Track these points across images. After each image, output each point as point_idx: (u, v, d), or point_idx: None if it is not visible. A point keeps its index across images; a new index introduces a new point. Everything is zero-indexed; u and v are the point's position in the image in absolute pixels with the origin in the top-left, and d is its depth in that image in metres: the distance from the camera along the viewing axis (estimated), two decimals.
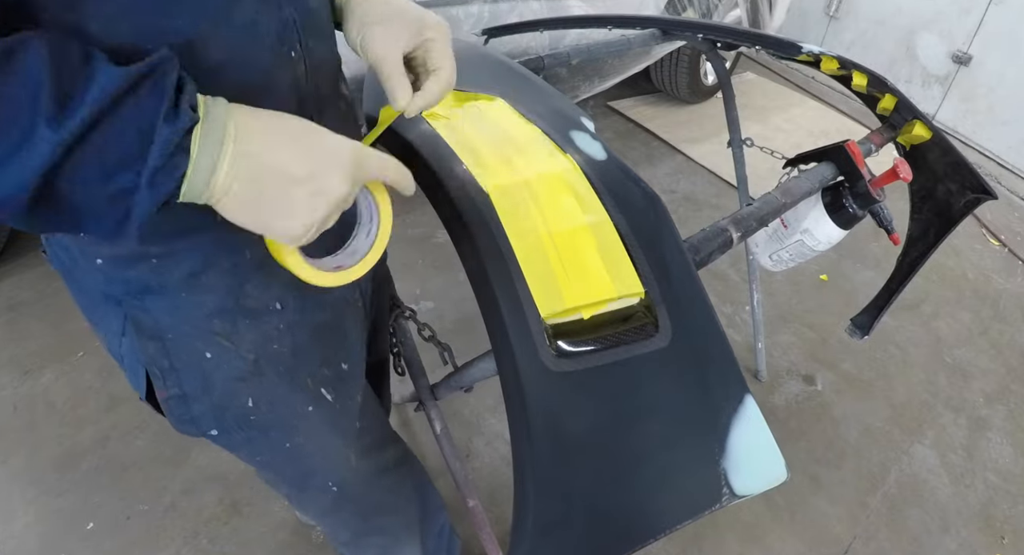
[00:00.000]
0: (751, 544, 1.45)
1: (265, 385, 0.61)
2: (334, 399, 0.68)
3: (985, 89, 3.19)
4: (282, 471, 0.73)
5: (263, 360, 0.60)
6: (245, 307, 0.57)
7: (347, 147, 0.44)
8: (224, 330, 0.57)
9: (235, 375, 0.60)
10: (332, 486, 0.75)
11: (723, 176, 2.76)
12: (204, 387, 0.59)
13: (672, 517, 0.51)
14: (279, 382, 0.62)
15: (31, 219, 0.36)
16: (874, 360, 1.98)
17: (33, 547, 1.30)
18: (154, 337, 0.56)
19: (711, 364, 0.56)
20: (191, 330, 0.56)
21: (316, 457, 0.71)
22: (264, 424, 0.64)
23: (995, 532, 1.55)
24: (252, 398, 0.61)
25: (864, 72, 0.95)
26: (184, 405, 0.59)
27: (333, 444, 0.71)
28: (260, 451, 0.68)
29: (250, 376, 0.60)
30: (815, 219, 0.95)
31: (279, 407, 0.64)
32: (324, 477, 0.74)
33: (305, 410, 0.66)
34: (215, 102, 0.40)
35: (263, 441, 0.66)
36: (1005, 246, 2.63)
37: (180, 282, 0.54)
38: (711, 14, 2.64)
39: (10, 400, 1.56)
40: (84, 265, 0.54)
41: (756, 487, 0.54)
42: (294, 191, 0.41)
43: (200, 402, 0.60)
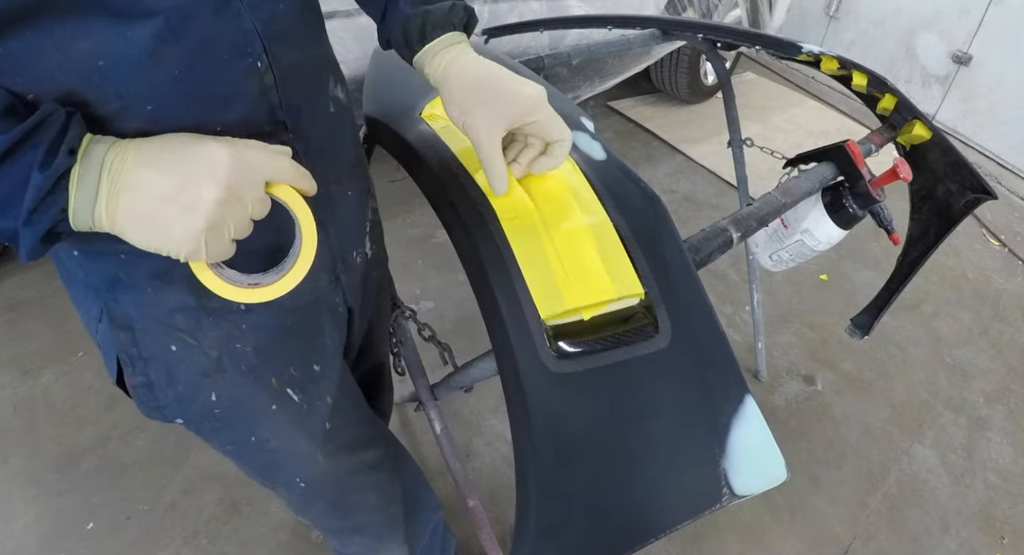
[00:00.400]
0: (751, 544, 1.45)
1: (228, 382, 0.63)
2: (301, 399, 0.69)
3: (985, 89, 3.19)
4: (250, 462, 0.75)
5: (226, 358, 0.62)
6: (208, 307, 0.59)
7: (221, 152, 0.43)
8: (188, 327, 0.59)
9: (198, 370, 0.61)
10: (300, 482, 0.76)
11: (723, 176, 2.76)
12: (169, 378, 0.61)
13: (672, 517, 0.51)
14: (242, 380, 0.64)
15: None
16: (874, 360, 1.98)
17: (33, 547, 1.30)
18: (124, 327, 0.58)
19: (711, 364, 0.56)
20: (156, 324, 0.58)
21: (281, 453, 0.72)
22: (228, 418, 0.65)
23: (995, 532, 1.55)
24: (215, 393, 0.63)
25: (864, 72, 0.95)
26: (151, 393, 0.61)
27: (299, 443, 0.72)
28: (227, 442, 0.70)
29: (213, 372, 0.62)
30: (815, 219, 0.95)
31: (242, 403, 0.65)
32: (291, 473, 0.75)
33: (268, 408, 0.67)
34: (99, 141, 0.42)
35: (228, 433, 0.68)
36: (1005, 246, 2.63)
37: (146, 278, 0.55)
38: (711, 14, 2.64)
39: (10, 400, 1.56)
40: (66, 254, 0.56)
41: (756, 487, 0.54)
42: (165, 208, 0.42)
43: (165, 392, 0.61)
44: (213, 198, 0.42)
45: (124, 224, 0.42)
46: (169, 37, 0.44)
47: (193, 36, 0.45)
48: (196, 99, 0.47)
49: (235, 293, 0.47)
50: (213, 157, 0.43)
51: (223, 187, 0.43)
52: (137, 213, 0.42)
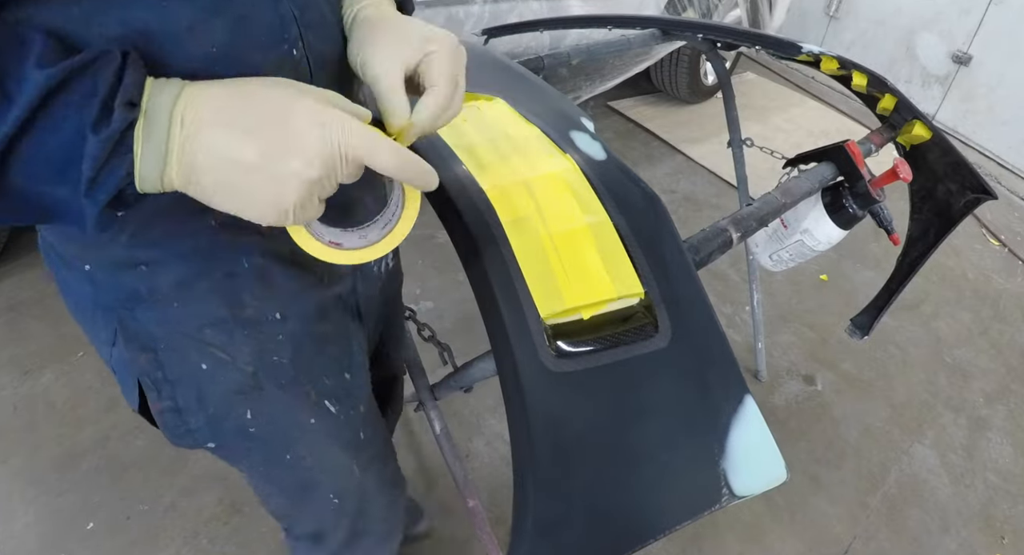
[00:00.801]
0: (751, 544, 1.45)
1: (265, 398, 0.59)
2: (338, 411, 0.66)
3: (985, 89, 3.19)
4: (281, 483, 0.70)
5: (262, 372, 0.58)
6: (242, 317, 0.55)
7: (316, 126, 0.38)
8: (219, 341, 0.55)
9: (233, 388, 0.57)
10: (333, 498, 0.72)
11: (723, 176, 2.76)
12: (199, 400, 0.57)
13: (672, 517, 0.51)
14: (280, 395, 0.60)
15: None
16: (874, 360, 1.98)
17: (33, 547, 1.30)
18: (146, 348, 0.54)
19: (711, 364, 0.56)
20: (184, 341, 0.54)
21: (316, 469, 0.68)
22: (263, 436, 0.62)
23: (995, 532, 1.55)
24: (251, 411, 0.59)
25: (864, 72, 0.95)
26: (179, 418, 0.57)
27: (335, 456, 0.69)
28: (258, 463, 0.66)
29: (249, 389, 0.58)
30: (815, 219, 0.95)
31: (279, 420, 0.62)
32: (325, 489, 0.72)
33: (307, 422, 0.63)
34: (161, 88, 0.37)
35: (261, 452, 0.64)
36: (1005, 246, 2.63)
37: (171, 291, 0.51)
38: (711, 14, 2.64)
39: (10, 400, 1.56)
40: (73, 271, 0.52)
41: (756, 487, 0.54)
42: (251, 177, 0.38)
43: (196, 415, 0.57)
44: (308, 174, 0.38)
45: (205, 187, 0.38)
46: (207, 11, 0.41)
47: (230, 13, 0.42)
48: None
49: (322, 251, 0.44)
50: (304, 130, 0.38)
51: (320, 165, 0.39)
52: (219, 179, 0.38)
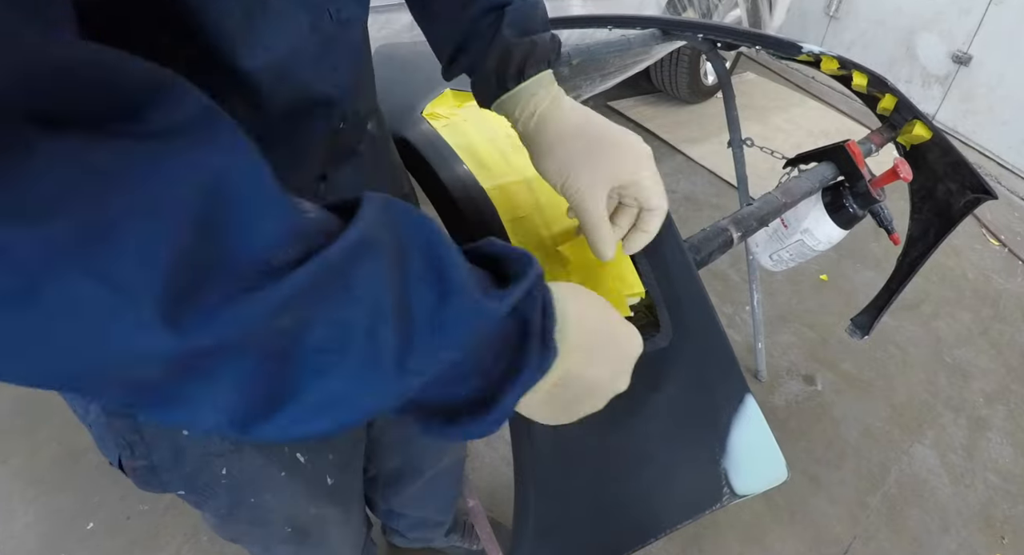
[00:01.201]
0: (751, 544, 1.45)
1: (243, 457, 0.59)
2: (307, 460, 0.66)
3: (985, 89, 3.19)
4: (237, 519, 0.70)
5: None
6: None
7: (637, 344, 0.42)
8: None
9: (212, 451, 0.57)
10: (287, 528, 0.73)
11: (723, 176, 2.76)
12: (175, 460, 0.56)
13: (673, 517, 0.51)
14: (256, 454, 0.60)
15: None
16: (874, 360, 1.98)
17: (33, 547, 1.30)
18: (123, 414, 0.52)
19: (712, 364, 0.56)
20: None
21: (276, 512, 0.69)
22: (234, 486, 0.62)
23: (995, 532, 1.55)
24: (227, 468, 0.59)
25: (864, 72, 0.95)
26: (152, 474, 0.57)
27: (298, 501, 0.70)
28: (221, 505, 0.65)
29: (228, 452, 0.58)
30: (815, 219, 0.95)
31: (253, 474, 0.62)
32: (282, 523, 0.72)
33: (278, 475, 0.64)
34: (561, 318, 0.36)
35: (227, 498, 0.64)
36: (1005, 246, 2.63)
37: None
38: (711, 14, 2.64)
39: (10, 400, 1.56)
40: None
41: (757, 487, 0.54)
42: (593, 398, 0.40)
43: (170, 472, 0.57)
44: (623, 388, 0.41)
45: (543, 406, 0.38)
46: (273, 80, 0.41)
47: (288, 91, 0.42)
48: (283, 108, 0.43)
49: None
50: (633, 350, 0.42)
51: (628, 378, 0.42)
52: (568, 401, 0.39)
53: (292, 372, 0.25)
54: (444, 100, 0.80)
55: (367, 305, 0.26)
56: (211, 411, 0.24)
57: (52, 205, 0.18)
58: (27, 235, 0.18)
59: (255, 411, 0.25)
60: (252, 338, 0.23)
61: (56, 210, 0.18)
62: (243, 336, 0.23)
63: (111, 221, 0.19)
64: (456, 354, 0.30)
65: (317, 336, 0.25)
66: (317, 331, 0.25)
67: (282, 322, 0.24)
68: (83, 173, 0.19)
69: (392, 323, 0.27)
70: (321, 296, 0.24)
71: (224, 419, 0.25)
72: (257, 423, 0.25)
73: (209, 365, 0.23)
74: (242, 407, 0.25)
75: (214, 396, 0.24)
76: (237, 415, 0.25)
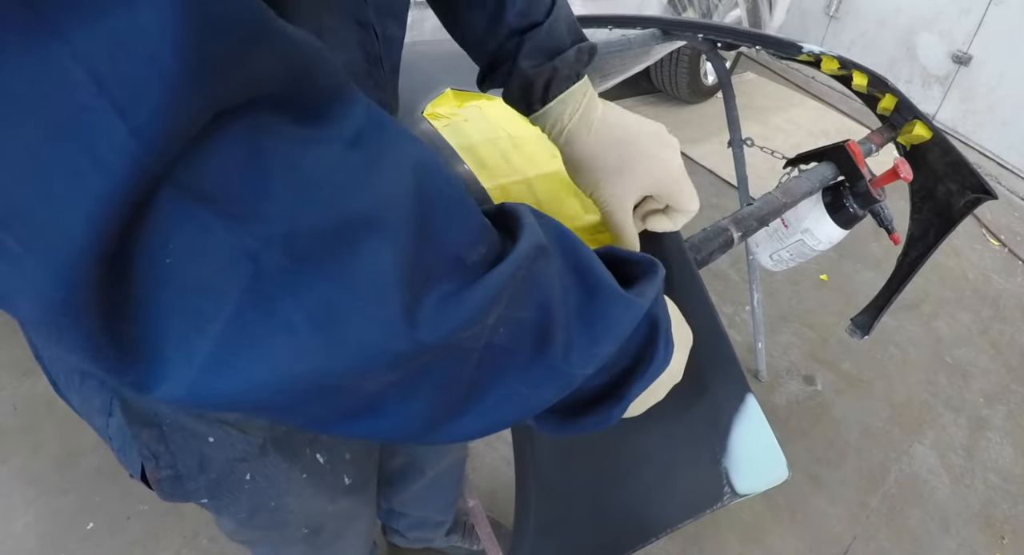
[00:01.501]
0: (751, 544, 1.45)
1: (267, 462, 0.59)
2: (326, 461, 0.66)
3: (985, 89, 3.19)
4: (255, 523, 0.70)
5: (270, 443, 0.57)
6: None
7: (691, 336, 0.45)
8: (234, 419, 0.54)
9: (237, 456, 0.57)
10: (304, 530, 0.73)
11: (723, 176, 2.76)
12: (201, 467, 0.55)
13: (674, 516, 0.51)
14: (281, 459, 0.60)
15: None
16: (874, 360, 1.98)
17: (33, 547, 1.30)
18: (149, 424, 0.52)
19: (713, 363, 0.56)
20: (195, 419, 0.52)
21: (295, 513, 0.69)
22: (256, 490, 0.62)
23: (995, 532, 1.55)
24: (251, 473, 0.59)
25: (864, 72, 0.95)
26: (178, 484, 0.56)
27: (318, 502, 0.70)
28: (242, 510, 0.66)
29: (253, 457, 0.58)
30: (816, 219, 0.95)
31: (276, 478, 0.62)
32: (297, 526, 0.73)
33: (300, 477, 0.64)
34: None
35: (248, 502, 0.64)
36: (1005, 246, 2.63)
37: None
38: (711, 14, 2.64)
39: (10, 400, 1.56)
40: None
41: (758, 486, 0.54)
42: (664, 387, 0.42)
43: (195, 480, 0.57)
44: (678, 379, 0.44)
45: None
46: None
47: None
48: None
49: None
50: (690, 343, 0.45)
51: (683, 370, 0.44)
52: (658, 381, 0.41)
53: (479, 372, 0.26)
54: (444, 100, 0.80)
55: (539, 304, 0.27)
56: (397, 419, 0.25)
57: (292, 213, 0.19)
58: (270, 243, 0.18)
59: (439, 416, 0.26)
60: (467, 338, 0.24)
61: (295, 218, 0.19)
62: (463, 335, 0.24)
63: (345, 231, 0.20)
64: (611, 348, 0.31)
65: (502, 336, 0.26)
66: (502, 330, 0.26)
67: (491, 319, 0.24)
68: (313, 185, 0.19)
69: (559, 320, 0.28)
70: (513, 296, 0.25)
71: (406, 426, 0.25)
72: (436, 428, 0.26)
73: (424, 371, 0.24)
74: (430, 412, 0.25)
75: (409, 405, 0.24)
76: (421, 421, 0.25)
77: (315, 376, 0.21)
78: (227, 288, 0.18)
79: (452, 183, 0.25)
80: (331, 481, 0.70)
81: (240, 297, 0.18)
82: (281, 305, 0.19)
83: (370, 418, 0.24)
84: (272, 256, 0.18)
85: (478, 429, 0.28)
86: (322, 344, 0.20)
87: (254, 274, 0.18)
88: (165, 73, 0.16)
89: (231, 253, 0.18)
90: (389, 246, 0.21)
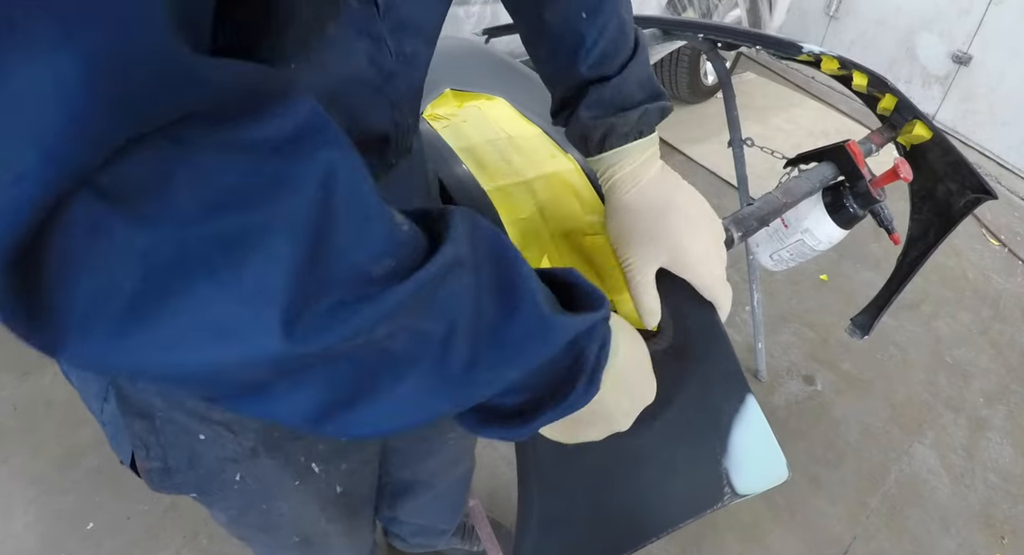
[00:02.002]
0: (751, 544, 1.45)
1: (258, 465, 0.59)
2: (321, 470, 0.66)
3: (985, 89, 3.19)
4: (246, 524, 0.71)
5: (261, 446, 0.58)
6: None
7: (653, 392, 0.45)
8: (226, 419, 0.54)
9: (227, 456, 0.57)
10: (295, 538, 0.74)
11: (723, 176, 2.76)
12: (191, 463, 0.56)
13: (674, 516, 0.51)
14: (273, 463, 0.60)
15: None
16: (874, 360, 1.98)
17: (33, 547, 1.30)
18: (143, 415, 0.52)
19: (713, 363, 0.56)
20: (186, 415, 0.53)
21: (286, 517, 0.69)
22: (247, 492, 0.62)
23: (995, 532, 1.55)
24: (241, 473, 0.59)
25: (864, 72, 0.95)
26: (166, 476, 0.56)
27: (309, 509, 0.70)
28: (232, 508, 0.66)
29: (244, 458, 0.58)
30: (816, 219, 0.95)
31: (267, 481, 0.62)
32: (288, 531, 0.73)
33: (292, 484, 0.64)
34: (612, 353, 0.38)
35: (238, 501, 0.64)
36: (1005, 246, 2.63)
37: None
38: (711, 14, 2.64)
39: (10, 400, 1.56)
40: None
41: (758, 486, 0.54)
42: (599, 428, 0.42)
43: (184, 474, 0.57)
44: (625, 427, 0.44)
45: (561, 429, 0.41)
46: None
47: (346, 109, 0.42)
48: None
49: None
50: (647, 399, 0.45)
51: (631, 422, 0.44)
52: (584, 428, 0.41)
53: (373, 376, 0.26)
54: (445, 101, 0.80)
55: (447, 318, 0.27)
56: (289, 406, 0.26)
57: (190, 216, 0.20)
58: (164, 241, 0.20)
59: (331, 410, 0.26)
60: (351, 346, 0.25)
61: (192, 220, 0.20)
62: (345, 345, 0.24)
63: (240, 236, 0.21)
64: (516, 373, 0.31)
65: (401, 343, 0.26)
66: (401, 339, 0.26)
67: (380, 332, 0.25)
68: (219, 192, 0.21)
69: (465, 335, 0.28)
70: (414, 309, 0.26)
71: (299, 415, 0.26)
72: (331, 420, 0.27)
73: (308, 369, 0.24)
74: (320, 406, 0.26)
75: (298, 395, 0.25)
76: (313, 413, 0.26)
77: (197, 364, 0.22)
78: (122, 280, 0.20)
79: (364, 197, 0.25)
80: (324, 491, 0.69)
81: (134, 288, 0.20)
82: (170, 300, 0.21)
83: (261, 401, 0.25)
84: (165, 255, 0.20)
85: (379, 428, 0.28)
86: (204, 340, 0.22)
87: (145, 271, 0.20)
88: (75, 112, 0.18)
89: (128, 248, 0.20)
90: (281, 258, 0.22)
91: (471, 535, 1.32)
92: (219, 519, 0.70)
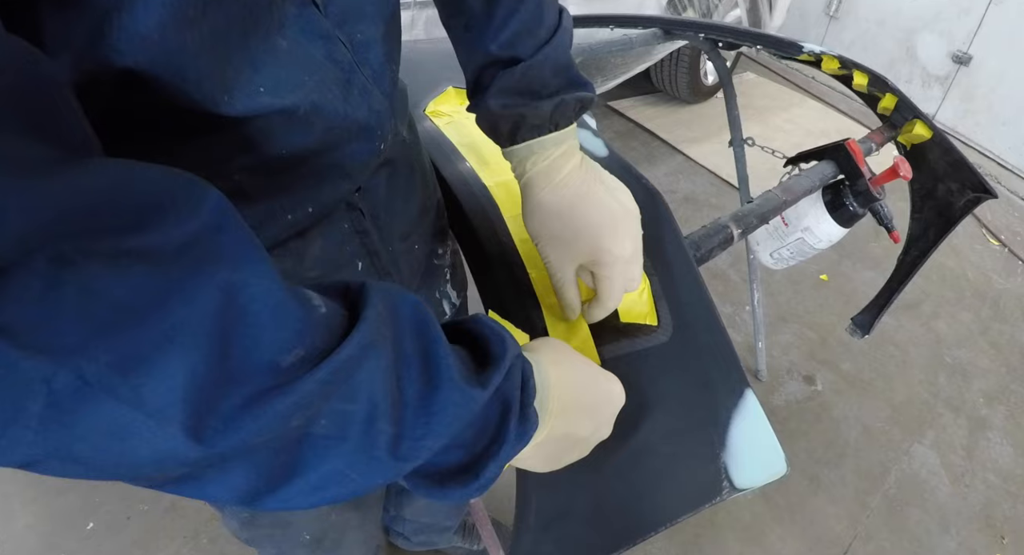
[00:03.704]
0: (751, 544, 1.45)
1: None
2: None
3: (985, 89, 3.20)
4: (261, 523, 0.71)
5: None
6: None
7: (619, 393, 0.44)
8: None
9: None
10: (305, 535, 0.74)
11: (723, 176, 2.77)
12: None
13: (673, 510, 0.51)
14: None
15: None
16: (874, 360, 1.98)
17: (33, 547, 1.30)
18: None
19: (712, 358, 0.56)
20: None
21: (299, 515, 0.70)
22: None
23: (995, 532, 1.55)
24: None
25: (865, 72, 0.95)
26: None
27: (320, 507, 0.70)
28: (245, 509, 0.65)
29: None
30: (816, 217, 0.95)
31: None
32: (299, 528, 0.73)
33: None
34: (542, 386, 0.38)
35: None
36: (1005, 246, 2.63)
37: None
38: (711, 14, 2.64)
39: None
40: None
41: (756, 480, 0.54)
42: (571, 449, 0.42)
43: None
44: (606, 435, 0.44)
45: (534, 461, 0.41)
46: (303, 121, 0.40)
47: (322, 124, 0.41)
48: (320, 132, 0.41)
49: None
50: (615, 399, 0.44)
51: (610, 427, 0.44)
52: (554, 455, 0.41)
53: (297, 456, 0.27)
54: (447, 98, 0.81)
55: (367, 398, 0.27)
56: (221, 490, 0.26)
57: (84, 341, 0.20)
58: (62, 368, 0.20)
59: (261, 490, 0.27)
60: (266, 438, 0.25)
61: (87, 346, 0.20)
62: (258, 438, 0.24)
63: (136, 354, 0.21)
64: (442, 441, 0.31)
65: (321, 425, 0.27)
66: (322, 421, 0.26)
67: (295, 421, 0.25)
68: (109, 310, 0.20)
69: (387, 413, 0.28)
70: (328, 394, 0.26)
71: (233, 496, 0.26)
72: (262, 498, 0.27)
73: (230, 460, 0.25)
74: (250, 488, 0.26)
75: (228, 479, 0.26)
76: (244, 494, 0.26)
77: (114, 466, 0.23)
78: (28, 405, 0.20)
79: (268, 291, 0.24)
80: None
81: (41, 412, 0.20)
82: (77, 419, 0.20)
83: (195, 486, 0.25)
84: (65, 381, 0.20)
85: (310, 502, 0.29)
86: (115, 453, 0.22)
87: (49, 396, 0.20)
88: None
89: (27, 376, 0.19)
90: (180, 367, 0.21)
91: (472, 533, 1.32)
92: (230, 525, 0.70)
